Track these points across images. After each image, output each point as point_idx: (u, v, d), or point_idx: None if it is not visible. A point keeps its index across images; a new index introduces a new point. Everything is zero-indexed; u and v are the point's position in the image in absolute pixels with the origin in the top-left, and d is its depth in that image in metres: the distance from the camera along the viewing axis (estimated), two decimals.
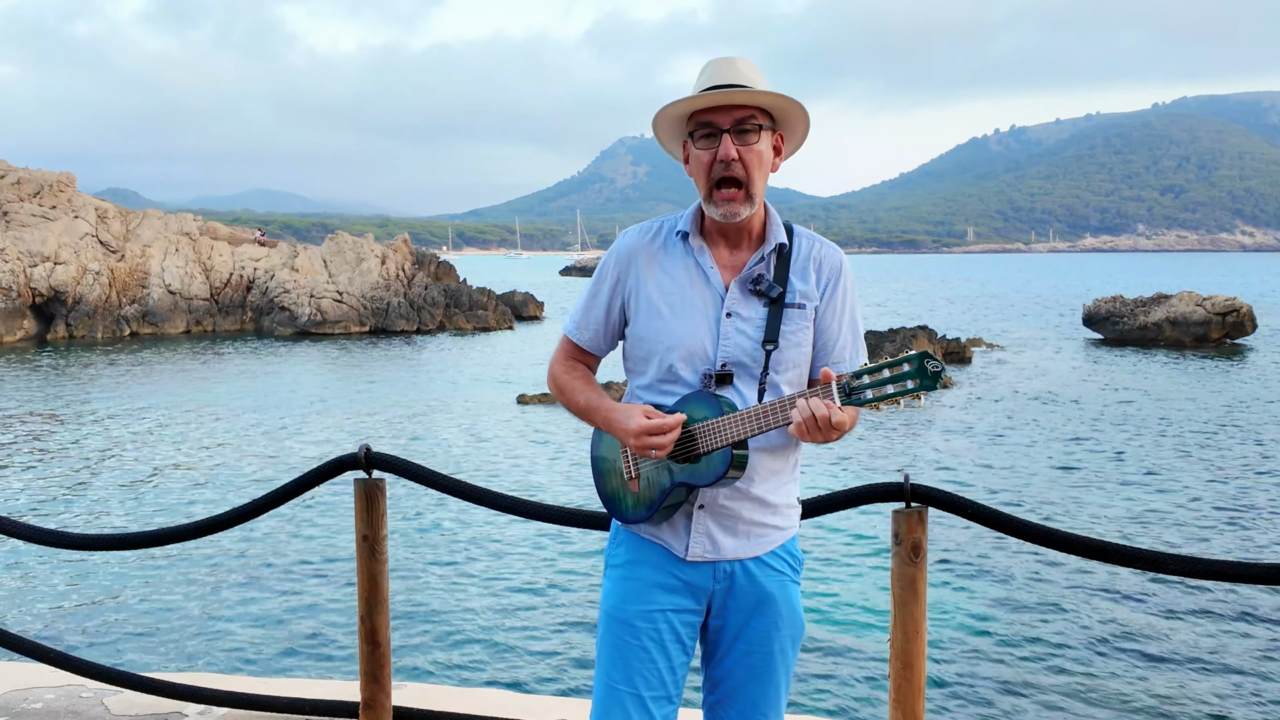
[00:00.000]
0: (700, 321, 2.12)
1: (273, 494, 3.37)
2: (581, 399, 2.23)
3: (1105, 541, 2.71)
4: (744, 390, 2.10)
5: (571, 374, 2.28)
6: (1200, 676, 8.11)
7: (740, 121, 2.07)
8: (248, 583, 10.48)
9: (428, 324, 43.50)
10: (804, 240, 2.20)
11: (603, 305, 2.24)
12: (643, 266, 2.19)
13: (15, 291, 37.86)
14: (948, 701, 7.63)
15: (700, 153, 2.10)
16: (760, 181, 2.10)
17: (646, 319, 2.16)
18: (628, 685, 2.11)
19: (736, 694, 2.17)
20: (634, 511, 2.17)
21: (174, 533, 3.57)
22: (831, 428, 1.92)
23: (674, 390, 2.13)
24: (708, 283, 2.14)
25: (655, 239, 2.21)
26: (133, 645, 8.83)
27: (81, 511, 13.65)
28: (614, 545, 2.26)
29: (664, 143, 2.24)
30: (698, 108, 2.10)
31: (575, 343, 2.29)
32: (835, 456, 17.07)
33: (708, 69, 2.13)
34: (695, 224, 2.18)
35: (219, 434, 19.49)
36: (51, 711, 3.62)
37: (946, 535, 11.68)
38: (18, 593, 10.19)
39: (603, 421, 2.18)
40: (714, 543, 2.13)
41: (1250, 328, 35.38)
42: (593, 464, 2.27)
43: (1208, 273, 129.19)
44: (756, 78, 2.10)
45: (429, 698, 3.58)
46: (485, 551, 11.61)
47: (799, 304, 2.13)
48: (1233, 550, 11.73)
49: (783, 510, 2.19)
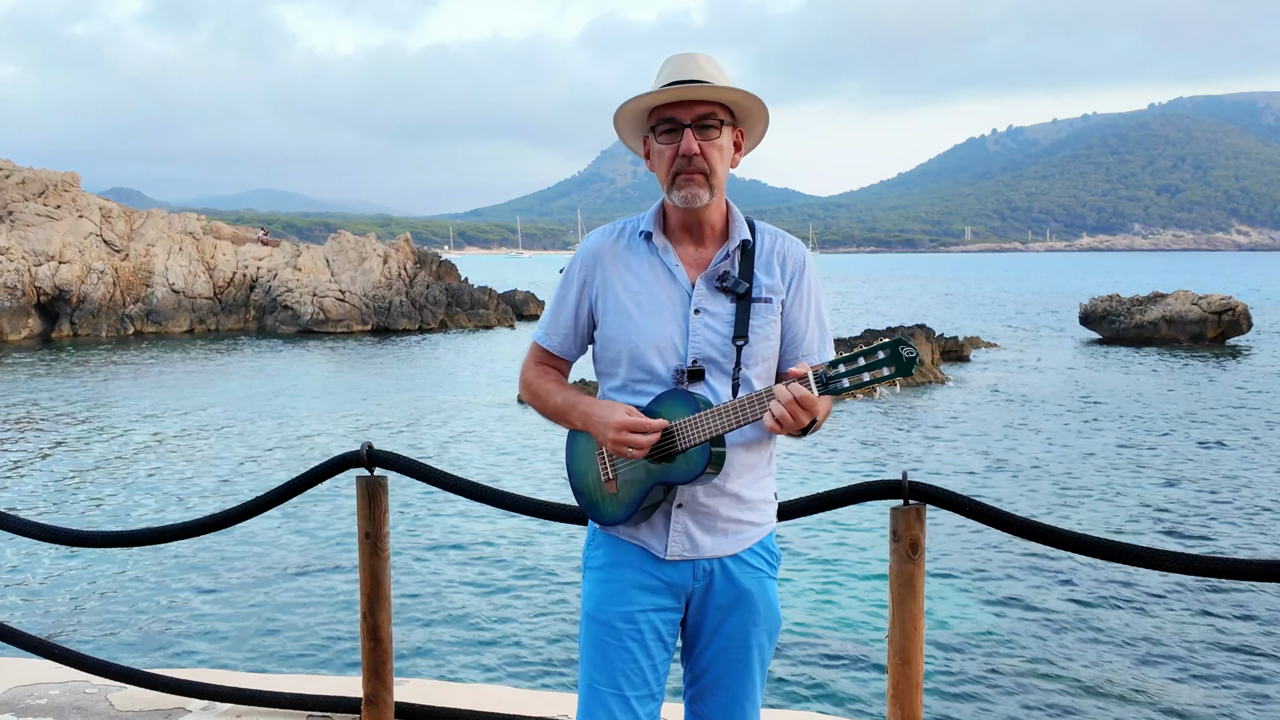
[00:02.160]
0: (669, 319, 2.12)
1: (276, 491, 3.38)
2: (558, 399, 2.22)
3: (1103, 539, 2.72)
4: (716, 386, 2.10)
5: (544, 378, 2.28)
6: (1198, 673, 8.12)
7: (702, 117, 2.08)
8: (251, 579, 10.51)
9: (429, 323, 43.55)
10: (767, 236, 2.21)
11: (571, 309, 2.24)
12: (609, 268, 2.19)
13: (20, 290, 37.90)
14: (946, 697, 7.65)
15: (662, 147, 2.12)
16: (722, 174, 2.12)
17: (615, 319, 2.16)
18: (611, 686, 2.12)
19: (716, 687, 2.20)
20: (612, 513, 2.16)
21: (178, 530, 3.59)
22: (805, 414, 1.92)
23: (647, 389, 2.13)
24: (674, 280, 2.15)
25: (619, 240, 2.22)
26: (137, 642, 8.86)
27: (86, 509, 13.68)
28: (592, 548, 2.27)
29: (625, 138, 2.24)
30: (660, 103, 2.10)
31: (545, 348, 2.28)
32: (834, 452, 17.10)
33: (669, 65, 2.14)
34: (658, 223, 2.19)
35: (222, 432, 19.52)
36: (56, 707, 3.63)
37: (944, 532, 11.69)
38: (23, 589, 10.22)
39: (581, 417, 2.15)
40: (693, 541, 2.14)
41: (1246, 326, 35.45)
42: (568, 468, 2.25)
43: (1203, 272, 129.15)
44: (718, 74, 2.12)
45: (430, 693, 3.59)
46: (486, 548, 11.64)
47: (765, 298, 2.14)
48: (1230, 547, 11.74)
49: (759, 506, 2.21)
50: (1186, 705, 7.59)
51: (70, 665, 3.70)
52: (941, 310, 57.02)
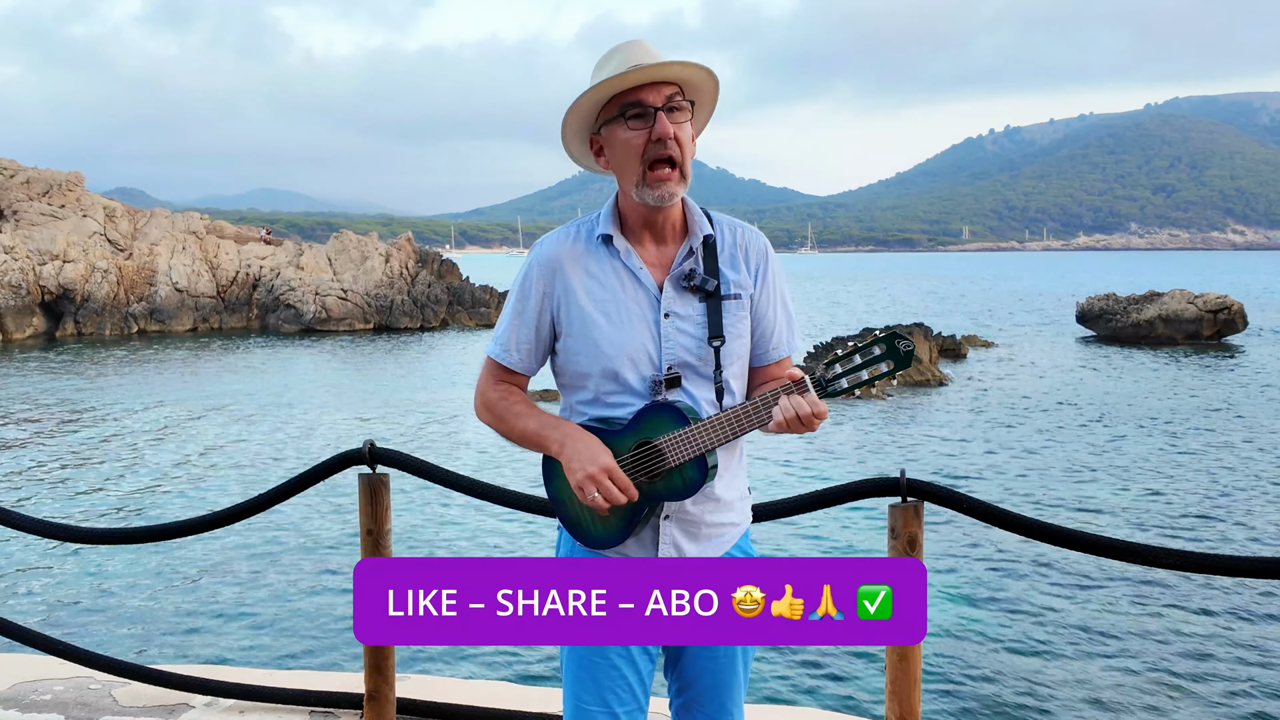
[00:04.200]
0: (639, 326, 2.00)
1: (278, 488, 3.39)
2: (530, 424, 2.06)
3: (1099, 536, 2.73)
4: (694, 392, 2.01)
5: (509, 398, 2.11)
6: (1196, 670, 8.14)
7: (670, 98, 1.96)
8: (254, 576, 10.54)
9: (431, 321, 43.59)
10: (726, 228, 2.10)
11: (530, 322, 2.07)
12: (569, 275, 2.03)
13: (25, 289, 38.00)
14: (944, 693, 7.68)
15: (631, 135, 1.96)
16: (689, 162, 2.00)
17: (581, 330, 2.02)
18: (600, 705, 2.05)
19: (705, 697, 2.14)
20: (603, 537, 2.05)
21: (181, 527, 3.60)
22: (814, 417, 1.89)
23: (621, 401, 2.01)
24: (640, 284, 2.02)
25: (576, 243, 2.06)
26: (140, 638, 8.89)
27: (90, 506, 13.71)
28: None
29: (569, 143, 2.09)
30: (632, 84, 1.95)
31: (504, 365, 2.11)
32: (832, 450, 17.12)
33: (617, 53, 1.99)
34: (615, 224, 2.05)
35: (225, 430, 19.55)
36: (60, 703, 3.65)
37: (942, 529, 11.72)
38: (27, 586, 10.26)
39: (558, 445, 2.00)
40: (680, 552, 2.06)
41: (1241, 325, 35.58)
42: (551, 493, 2.10)
43: (1199, 271, 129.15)
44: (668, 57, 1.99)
45: (432, 689, 3.61)
46: (486, 545, 11.67)
47: (735, 295, 2.04)
48: (1226, 543, 11.75)
49: (736, 505, 2.13)
50: (1182, 701, 7.61)
51: (74, 661, 3.71)
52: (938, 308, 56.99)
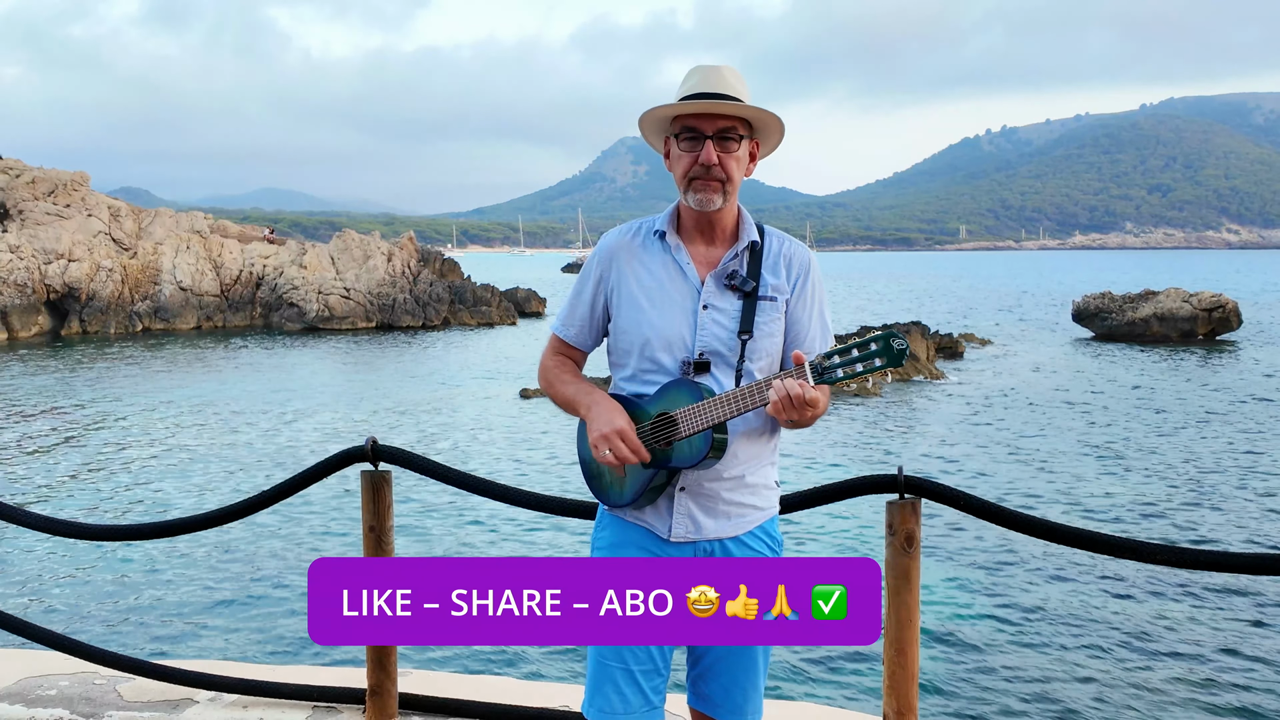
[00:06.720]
0: (678, 313, 2.23)
1: (281, 485, 3.40)
2: (569, 389, 2.33)
3: (1096, 532, 2.74)
4: (721, 377, 2.20)
5: (560, 367, 2.39)
6: (1194, 667, 8.17)
7: (723, 130, 2.19)
8: (257, 572, 10.58)
9: (433, 320, 43.61)
10: (774, 239, 2.32)
11: (587, 302, 2.35)
12: (623, 264, 2.30)
13: (30, 288, 38.06)
14: (940, 689, 7.71)
15: (682, 154, 2.21)
16: (737, 182, 2.23)
17: (628, 312, 2.27)
18: (618, 661, 2.20)
19: (719, 667, 2.26)
20: (619, 495, 2.25)
21: (184, 524, 3.62)
22: (806, 405, 2.00)
23: (655, 379, 2.23)
24: (685, 277, 2.25)
25: (635, 238, 2.33)
26: (145, 633, 8.93)
27: (94, 503, 13.75)
28: (599, 529, 2.37)
29: (647, 136, 2.34)
30: (684, 113, 2.21)
31: (563, 339, 2.39)
32: (830, 447, 17.13)
33: (694, 74, 2.24)
34: (672, 223, 2.30)
35: (228, 427, 19.58)
36: (65, 698, 3.68)
37: (939, 526, 11.74)
38: (32, 582, 10.30)
39: (585, 408, 2.25)
40: (695, 523, 2.22)
41: (1236, 323, 35.66)
42: (579, 451, 2.35)
43: (1194, 270, 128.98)
44: (742, 89, 2.22)
45: (434, 684, 3.63)
46: (488, 541, 11.71)
47: (771, 297, 2.24)
48: (1222, 540, 11.77)
49: (761, 491, 2.28)
50: (1179, 697, 7.63)
51: (79, 656, 3.73)
52: (935, 306, 56.98)
